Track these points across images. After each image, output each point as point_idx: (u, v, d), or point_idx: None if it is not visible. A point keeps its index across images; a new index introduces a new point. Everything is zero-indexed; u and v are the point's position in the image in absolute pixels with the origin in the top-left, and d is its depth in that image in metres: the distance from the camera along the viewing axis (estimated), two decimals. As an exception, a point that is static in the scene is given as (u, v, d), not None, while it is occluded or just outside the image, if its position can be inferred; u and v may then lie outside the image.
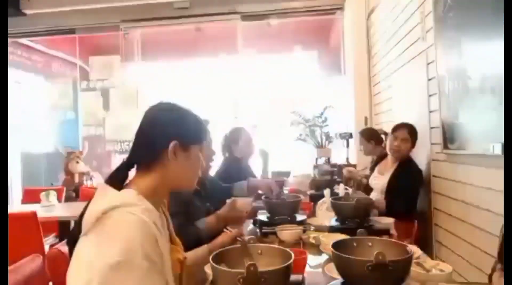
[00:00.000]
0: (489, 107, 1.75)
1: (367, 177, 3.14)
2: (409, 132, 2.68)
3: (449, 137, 2.25)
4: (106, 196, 0.97)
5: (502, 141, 1.53)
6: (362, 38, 4.34)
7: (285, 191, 2.83)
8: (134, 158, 1.07)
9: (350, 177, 3.32)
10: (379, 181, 2.83)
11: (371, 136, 3.42)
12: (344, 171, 3.36)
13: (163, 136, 1.04)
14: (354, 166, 3.82)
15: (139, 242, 0.88)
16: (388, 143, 2.80)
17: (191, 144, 1.07)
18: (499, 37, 1.58)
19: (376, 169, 2.96)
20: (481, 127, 1.85)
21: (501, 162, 1.60)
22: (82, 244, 0.91)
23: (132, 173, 1.07)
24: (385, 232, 1.65)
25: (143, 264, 0.86)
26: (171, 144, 1.02)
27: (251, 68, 5.49)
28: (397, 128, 2.74)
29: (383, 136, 3.39)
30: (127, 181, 1.05)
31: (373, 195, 2.88)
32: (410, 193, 2.61)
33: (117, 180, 1.04)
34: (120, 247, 0.86)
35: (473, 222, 2.05)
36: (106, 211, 0.91)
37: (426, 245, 2.49)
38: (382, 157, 3.01)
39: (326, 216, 1.94)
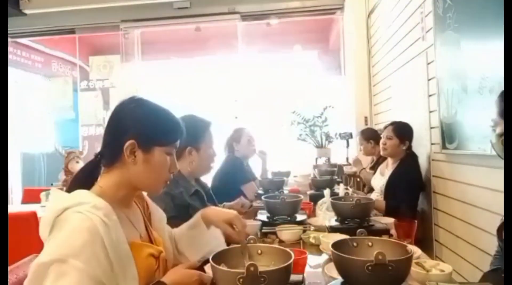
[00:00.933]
0: (488, 107, 1.75)
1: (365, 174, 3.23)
2: (394, 129, 2.69)
3: (448, 137, 2.25)
4: (56, 199, 0.96)
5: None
6: (362, 38, 4.34)
7: (285, 191, 2.83)
8: (101, 156, 1.05)
9: (356, 171, 3.39)
10: (379, 181, 2.84)
11: (370, 136, 3.43)
12: (352, 162, 3.42)
13: (123, 134, 1.00)
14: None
15: (79, 243, 0.86)
16: (380, 143, 2.84)
17: (153, 145, 1.02)
18: (499, 37, 1.58)
19: (378, 169, 2.97)
20: (480, 127, 1.85)
21: (500, 162, 1.60)
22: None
23: None
24: (385, 232, 1.65)
25: (77, 265, 0.84)
26: (127, 144, 0.99)
27: (251, 68, 5.49)
28: (385, 127, 2.80)
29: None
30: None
31: (374, 195, 2.89)
32: (409, 192, 2.60)
33: (82, 180, 1.03)
34: (57, 246, 0.87)
35: (473, 222, 2.05)
36: (58, 213, 0.91)
37: (426, 245, 2.49)
38: (384, 157, 3.01)
39: (326, 216, 1.93)
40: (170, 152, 1.07)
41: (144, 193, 1.21)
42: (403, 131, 2.71)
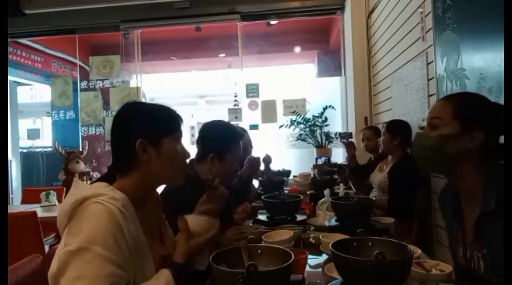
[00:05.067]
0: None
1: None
2: (386, 126, 2.81)
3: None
4: (76, 189, 1.00)
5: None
6: (362, 38, 4.34)
7: (285, 191, 2.83)
8: (115, 164, 1.09)
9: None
10: (377, 177, 2.88)
11: (375, 133, 3.37)
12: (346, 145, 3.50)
13: (130, 137, 1.04)
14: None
15: (102, 231, 0.90)
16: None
17: (160, 137, 1.07)
18: (498, 37, 1.58)
19: (378, 166, 2.98)
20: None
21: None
22: (61, 243, 0.94)
23: None
24: (385, 232, 1.65)
25: (101, 252, 0.88)
26: (137, 143, 1.03)
27: (251, 68, 5.49)
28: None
29: None
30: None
31: (373, 193, 2.90)
32: (406, 190, 2.60)
33: (105, 180, 1.06)
34: (82, 235, 0.89)
35: (473, 222, 2.05)
36: (77, 203, 0.94)
37: (426, 245, 2.49)
38: (383, 156, 3.01)
39: (326, 216, 1.93)
40: (177, 140, 1.12)
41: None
42: (393, 127, 2.77)
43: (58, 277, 0.89)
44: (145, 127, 1.06)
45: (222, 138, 1.70)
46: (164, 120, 1.10)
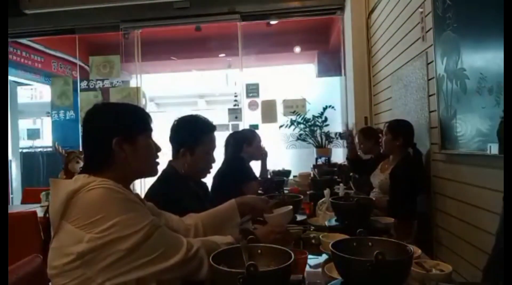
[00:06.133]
0: (486, 107, 1.76)
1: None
2: (388, 125, 2.77)
3: (447, 137, 2.25)
4: (59, 187, 1.02)
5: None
6: (362, 38, 4.34)
7: (285, 191, 2.83)
8: (88, 165, 1.11)
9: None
10: (378, 177, 2.86)
11: (370, 135, 3.39)
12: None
13: (106, 137, 1.08)
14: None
15: (119, 202, 0.98)
16: None
17: (135, 135, 1.12)
18: (498, 37, 1.58)
19: (379, 165, 2.97)
20: (479, 127, 1.85)
21: (498, 162, 1.60)
22: (57, 237, 0.98)
23: None
24: (385, 232, 1.65)
25: (133, 215, 0.98)
26: (114, 142, 1.07)
27: (251, 68, 5.49)
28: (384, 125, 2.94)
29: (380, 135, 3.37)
30: None
31: (373, 193, 2.90)
32: (407, 191, 2.58)
33: None
34: (103, 221, 0.94)
35: (473, 222, 2.05)
36: (69, 197, 0.97)
37: (426, 245, 2.49)
38: (384, 156, 3.00)
39: (326, 216, 1.93)
40: (150, 136, 1.19)
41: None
42: (395, 127, 2.72)
43: (94, 256, 0.94)
44: (120, 126, 1.11)
45: (191, 132, 1.71)
46: (137, 118, 1.16)
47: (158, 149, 1.21)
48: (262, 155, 3.32)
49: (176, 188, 1.66)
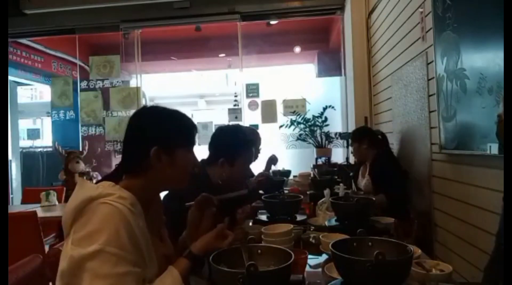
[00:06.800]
0: (486, 107, 1.75)
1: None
2: (351, 137, 3.07)
3: (447, 137, 2.25)
4: (82, 190, 0.99)
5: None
6: (362, 38, 4.34)
7: (285, 191, 2.83)
8: (124, 164, 1.09)
9: None
10: (361, 182, 3.00)
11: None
12: None
13: (145, 143, 1.05)
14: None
15: (114, 231, 0.91)
16: None
17: (176, 148, 1.07)
18: (498, 37, 1.58)
19: (360, 172, 3.08)
20: (479, 127, 1.85)
21: (498, 161, 1.60)
22: (66, 242, 0.94)
23: None
24: (385, 232, 1.65)
25: (118, 253, 0.89)
26: (152, 151, 1.03)
27: (251, 68, 5.48)
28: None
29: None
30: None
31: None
32: (393, 178, 2.73)
33: (111, 179, 1.06)
34: (96, 237, 0.90)
35: (473, 222, 2.05)
36: (84, 203, 0.94)
37: (426, 245, 2.49)
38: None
39: (326, 216, 1.93)
40: (191, 150, 1.14)
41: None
42: (357, 134, 3.01)
43: (70, 277, 0.90)
44: (161, 135, 1.06)
45: (233, 144, 1.71)
46: (181, 131, 1.11)
47: (196, 165, 1.16)
48: (270, 160, 3.33)
49: (197, 194, 1.60)
